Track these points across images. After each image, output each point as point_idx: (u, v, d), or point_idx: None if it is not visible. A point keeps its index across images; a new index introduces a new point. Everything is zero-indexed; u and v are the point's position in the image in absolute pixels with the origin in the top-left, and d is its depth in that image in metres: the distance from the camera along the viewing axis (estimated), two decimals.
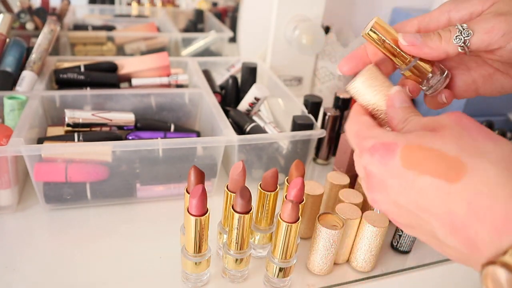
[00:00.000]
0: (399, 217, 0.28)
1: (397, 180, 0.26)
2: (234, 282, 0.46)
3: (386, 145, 0.27)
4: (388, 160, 0.26)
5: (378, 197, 0.28)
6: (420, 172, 0.25)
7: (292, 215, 0.41)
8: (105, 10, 1.23)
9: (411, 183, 0.25)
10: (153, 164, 0.55)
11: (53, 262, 0.47)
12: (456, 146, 0.24)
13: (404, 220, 0.28)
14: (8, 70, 0.62)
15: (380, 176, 0.27)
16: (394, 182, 0.26)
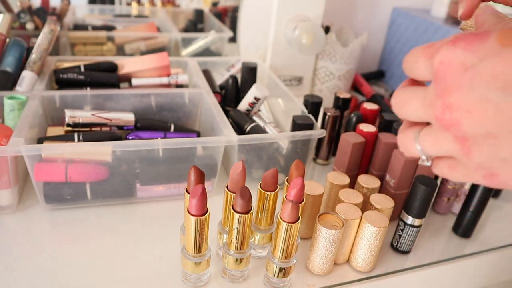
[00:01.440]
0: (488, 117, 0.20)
1: (490, 61, 0.20)
2: (234, 282, 0.46)
3: (474, 34, 0.21)
4: (478, 44, 0.21)
5: (455, 96, 0.21)
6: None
7: (292, 215, 0.41)
8: (105, 10, 1.23)
9: (510, 61, 0.20)
10: (153, 164, 0.55)
11: (53, 262, 0.47)
12: None
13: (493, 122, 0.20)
14: (8, 70, 0.62)
15: (463, 62, 0.21)
16: (486, 64, 0.20)
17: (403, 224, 0.52)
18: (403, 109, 0.25)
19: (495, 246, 0.58)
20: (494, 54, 0.20)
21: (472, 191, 0.56)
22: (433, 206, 0.63)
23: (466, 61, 0.21)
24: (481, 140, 0.21)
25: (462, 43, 0.21)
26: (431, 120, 0.23)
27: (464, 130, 0.21)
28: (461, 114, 0.21)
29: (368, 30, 1.13)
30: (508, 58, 0.20)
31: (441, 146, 0.23)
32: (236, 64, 0.81)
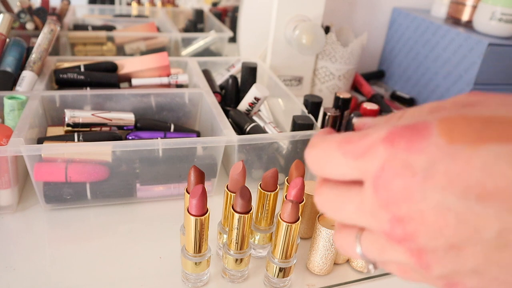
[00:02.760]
0: (448, 229, 0.17)
1: (441, 165, 0.17)
2: (234, 282, 0.46)
3: (410, 127, 0.18)
4: (421, 143, 0.17)
5: (405, 208, 0.18)
6: (478, 141, 0.16)
7: (292, 215, 0.41)
8: (105, 10, 1.23)
9: (466, 161, 0.16)
10: (153, 164, 0.55)
11: (53, 262, 0.47)
12: (509, 109, 0.17)
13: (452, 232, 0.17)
14: (8, 70, 0.62)
15: (407, 169, 0.17)
16: (437, 168, 0.17)
17: None
18: (335, 213, 0.21)
19: None
20: (444, 155, 0.17)
21: None
22: None
23: (413, 164, 0.17)
24: (442, 253, 0.18)
25: (402, 143, 0.18)
26: (375, 231, 0.20)
27: (421, 243, 0.18)
28: (415, 226, 0.17)
29: (368, 30, 1.13)
30: (462, 158, 0.16)
31: (389, 257, 0.19)
32: (236, 64, 0.81)
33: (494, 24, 0.88)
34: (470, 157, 0.16)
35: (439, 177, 0.17)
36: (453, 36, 0.93)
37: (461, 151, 0.17)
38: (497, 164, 0.16)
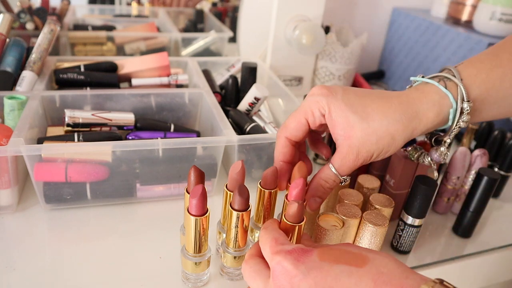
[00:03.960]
0: None
1: (314, 271, 0.30)
2: (233, 280, 0.46)
3: (303, 249, 0.32)
4: (305, 258, 0.31)
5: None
6: (335, 261, 0.31)
7: (297, 215, 0.40)
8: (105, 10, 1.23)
9: (327, 271, 0.30)
10: (153, 164, 0.55)
11: (53, 262, 0.47)
12: (355, 248, 0.32)
13: None
14: (8, 70, 0.62)
15: (294, 270, 0.31)
16: (311, 273, 0.30)
17: (403, 224, 0.52)
18: (250, 281, 0.35)
19: (495, 246, 0.58)
20: (315, 266, 0.30)
21: (472, 191, 0.56)
22: (433, 206, 0.63)
23: (295, 269, 0.31)
24: None
25: (294, 255, 0.32)
26: None
27: None
28: None
29: (368, 30, 1.13)
30: (325, 269, 0.30)
31: None
32: (236, 64, 0.81)
33: (494, 24, 0.88)
34: (329, 269, 0.30)
35: (310, 278, 0.30)
36: (453, 36, 0.93)
37: (325, 265, 0.31)
38: (341, 276, 0.30)
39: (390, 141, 0.38)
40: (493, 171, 0.55)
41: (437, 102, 0.39)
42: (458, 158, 0.58)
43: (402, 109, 0.39)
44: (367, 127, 0.38)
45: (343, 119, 0.39)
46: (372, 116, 0.38)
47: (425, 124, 0.39)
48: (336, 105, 0.39)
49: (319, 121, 0.40)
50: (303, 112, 0.41)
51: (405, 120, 0.38)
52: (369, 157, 0.39)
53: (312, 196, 0.42)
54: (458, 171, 0.59)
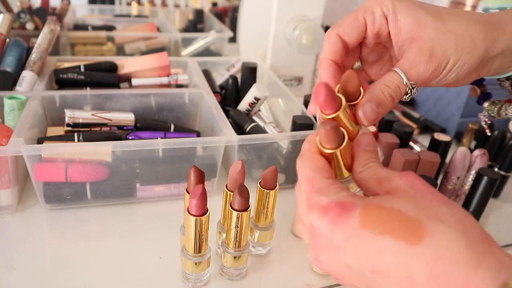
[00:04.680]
0: (349, 279, 0.26)
1: (352, 241, 0.24)
2: (233, 280, 0.46)
3: (342, 205, 0.25)
4: (344, 221, 0.24)
5: (325, 258, 0.26)
6: (380, 232, 0.23)
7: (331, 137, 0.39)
8: (105, 10, 1.23)
9: (368, 244, 0.23)
10: (153, 164, 0.55)
11: (53, 262, 0.47)
12: (414, 207, 0.23)
13: (353, 282, 0.26)
14: (8, 70, 0.62)
15: (331, 236, 0.25)
16: (349, 243, 0.24)
17: None
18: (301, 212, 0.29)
19: None
20: (355, 235, 0.24)
21: (472, 191, 0.56)
22: None
23: (332, 235, 0.25)
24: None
25: (331, 215, 0.25)
26: None
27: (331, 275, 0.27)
28: (328, 269, 0.26)
29: None
30: (365, 241, 0.23)
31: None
32: (236, 64, 0.81)
33: None
34: (371, 242, 0.23)
35: (348, 250, 0.24)
36: None
37: (366, 235, 0.23)
38: (385, 253, 0.23)
39: (470, 45, 0.31)
40: (493, 171, 0.55)
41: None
42: (458, 158, 0.58)
43: (481, 15, 0.33)
44: (442, 26, 0.31)
45: (411, 19, 0.32)
46: (447, 17, 0.32)
47: (508, 36, 0.32)
48: (402, 4, 0.32)
49: (379, 23, 0.33)
50: (361, 10, 0.33)
51: (485, 23, 0.32)
52: (444, 62, 0.31)
53: (368, 101, 0.31)
54: (458, 171, 0.59)
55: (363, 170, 0.28)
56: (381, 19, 0.33)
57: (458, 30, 0.31)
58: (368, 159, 0.29)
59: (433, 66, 0.31)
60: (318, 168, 0.28)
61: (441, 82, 0.33)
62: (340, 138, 0.28)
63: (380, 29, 0.33)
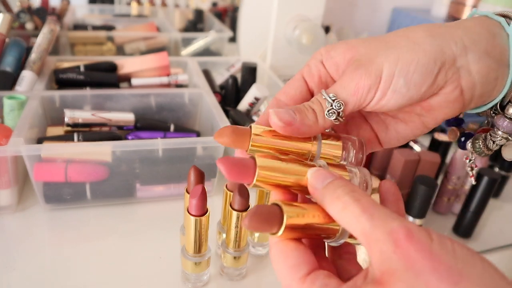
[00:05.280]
0: None
1: None
2: (233, 280, 0.46)
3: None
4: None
5: None
6: None
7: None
8: (105, 10, 1.23)
9: None
10: (153, 164, 0.55)
11: (53, 262, 0.47)
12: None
13: None
14: (8, 70, 0.62)
15: None
16: None
17: None
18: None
19: (495, 246, 0.58)
20: None
21: (473, 191, 0.56)
22: (434, 206, 0.63)
23: None
24: None
25: None
26: None
27: None
28: None
29: (368, 30, 1.13)
30: None
31: None
32: (236, 64, 0.81)
33: None
34: None
35: None
36: None
37: None
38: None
39: (407, 43, 0.26)
40: (493, 171, 0.55)
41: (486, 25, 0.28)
42: (458, 158, 0.58)
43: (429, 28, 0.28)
44: (373, 40, 0.28)
45: (344, 49, 0.29)
46: (384, 36, 0.28)
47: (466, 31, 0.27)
48: (336, 45, 0.30)
49: (316, 70, 0.30)
50: (300, 71, 0.31)
51: (429, 26, 0.27)
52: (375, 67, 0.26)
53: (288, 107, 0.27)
54: (458, 171, 0.59)
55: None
56: (317, 67, 0.30)
57: (391, 37, 0.27)
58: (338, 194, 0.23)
59: (358, 75, 0.26)
60: (291, 267, 0.22)
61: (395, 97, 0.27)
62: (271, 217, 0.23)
63: (320, 76, 0.30)
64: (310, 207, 0.23)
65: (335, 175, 0.23)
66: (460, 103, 0.28)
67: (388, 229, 0.19)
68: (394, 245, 0.19)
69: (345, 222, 0.21)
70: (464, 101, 0.28)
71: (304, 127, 0.26)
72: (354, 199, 0.21)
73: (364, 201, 0.21)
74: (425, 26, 0.27)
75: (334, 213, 0.22)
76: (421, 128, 0.30)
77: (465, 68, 0.26)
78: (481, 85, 0.27)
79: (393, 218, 0.20)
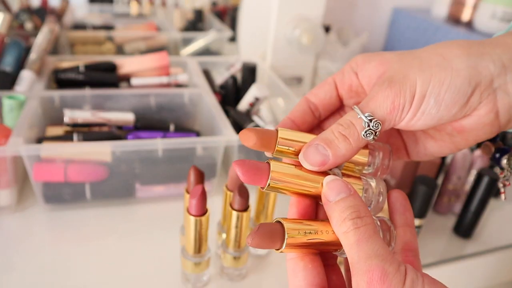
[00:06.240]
0: None
1: None
2: (233, 280, 0.46)
3: None
4: None
5: None
6: None
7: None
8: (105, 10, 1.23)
9: None
10: (152, 164, 0.55)
11: (52, 262, 0.47)
12: None
13: None
14: (7, 70, 0.62)
15: None
16: None
17: None
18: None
19: (496, 246, 0.58)
20: None
21: (473, 191, 0.56)
22: (434, 206, 0.63)
23: None
24: None
25: None
26: None
27: None
28: None
29: (368, 30, 1.13)
30: None
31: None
32: (236, 64, 0.81)
33: (496, 24, 0.87)
34: None
35: None
36: (454, 36, 0.93)
37: None
38: None
39: (441, 62, 0.25)
40: (493, 171, 0.54)
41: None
42: (458, 158, 0.58)
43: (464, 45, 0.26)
44: (407, 56, 0.27)
45: (377, 62, 0.28)
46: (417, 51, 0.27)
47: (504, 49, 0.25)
48: (371, 56, 0.29)
49: (348, 79, 0.30)
50: (333, 75, 0.31)
51: (463, 43, 0.26)
52: (409, 86, 0.25)
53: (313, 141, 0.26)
54: (459, 171, 0.58)
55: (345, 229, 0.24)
56: (350, 75, 0.30)
57: (425, 53, 0.26)
58: (344, 213, 0.23)
59: (393, 92, 0.25)
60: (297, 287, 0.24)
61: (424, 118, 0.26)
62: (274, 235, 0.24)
63: (351, 85, 0.30)
64: (318, 224, 0.24)
65: (350, 190, 0.24)
66: (496, 126, 0.26)
67: (367, 266, 0.21)
68: (366, 283, 0.21)
69: (343, 245, 0.23)
70: (500, 124, 0.26)
71: (339, 159, 0.25)
72: (355, 226, 0.22)
73: (362, 231, 0.22)
74: (461, 43, 0.26)
75: (337, 233, 0.23)
76: (451, 147, 0.29)
77: (502, 89, 0.25)
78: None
79: (378, 255, 0.21)
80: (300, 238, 0.23)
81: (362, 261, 0.21)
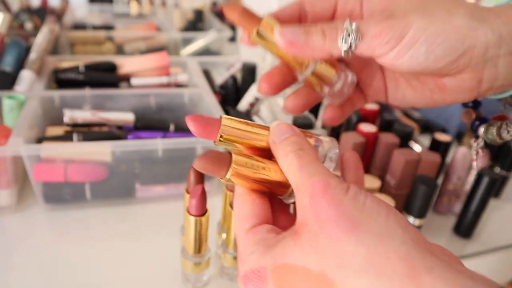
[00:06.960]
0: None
1: None
2: (233, 280, 0.46)
3: (256, 272, 0.22)
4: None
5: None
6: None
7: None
8: (105, 10, 1.23)
9: None
10: (152, 164, 0.55)
11: (52, 262, 0.47)
12: (316, 258, 0.20)
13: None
14: (7, 70, 0.62)
15: None
16: None
17: None
18: None
19: (496, 246, 0.58)
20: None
21: (473, 191, 0.56)
22: (434, 206, 0.63)
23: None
24: None
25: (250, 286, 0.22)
26: None
27: None
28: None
29: None
30: None
31: None
32: (236, 64, 0.81)
33: None
34: None
35: None
36: None
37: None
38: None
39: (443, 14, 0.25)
40: (493, 171, 0.54)
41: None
42: (458, 158, 0.58)
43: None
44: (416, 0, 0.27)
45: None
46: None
47: (507, 19, 0.25)
48: None
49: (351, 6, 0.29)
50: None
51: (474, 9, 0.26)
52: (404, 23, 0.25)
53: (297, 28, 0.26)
54: (459, 171, 0.58)
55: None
56: (354, 2, 0.29)
57: (433, 2, 0.26)
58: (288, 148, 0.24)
59: (386, 24, 0.25)
60: (241, 218, 0.24)
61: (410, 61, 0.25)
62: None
63: (352, 12, 0.29)
64: (268, 162, 0.24)
65: (295, 131, 0.24)
66: (475, 92, 0.27)
67: (310, 182, 0.21)
68: (310, 197, 0.20)
69: (288, 178, 0.23)
70: (479, 91, 0.27)
71: (309, 50, 0.26)
72: (298, 156, 0.22)
73: (305, 158, 0.22)
74: (468, 3, 0.26)
75: (283, 169, 0.23)
76: (427, 101, 0.30)
77: (493, 62, 0.25)
78: (504, 77, 0.26)
79: (320, 173, 0.21)
80: (247, 171, 0.24)
81: (305, 179, 0.21)
